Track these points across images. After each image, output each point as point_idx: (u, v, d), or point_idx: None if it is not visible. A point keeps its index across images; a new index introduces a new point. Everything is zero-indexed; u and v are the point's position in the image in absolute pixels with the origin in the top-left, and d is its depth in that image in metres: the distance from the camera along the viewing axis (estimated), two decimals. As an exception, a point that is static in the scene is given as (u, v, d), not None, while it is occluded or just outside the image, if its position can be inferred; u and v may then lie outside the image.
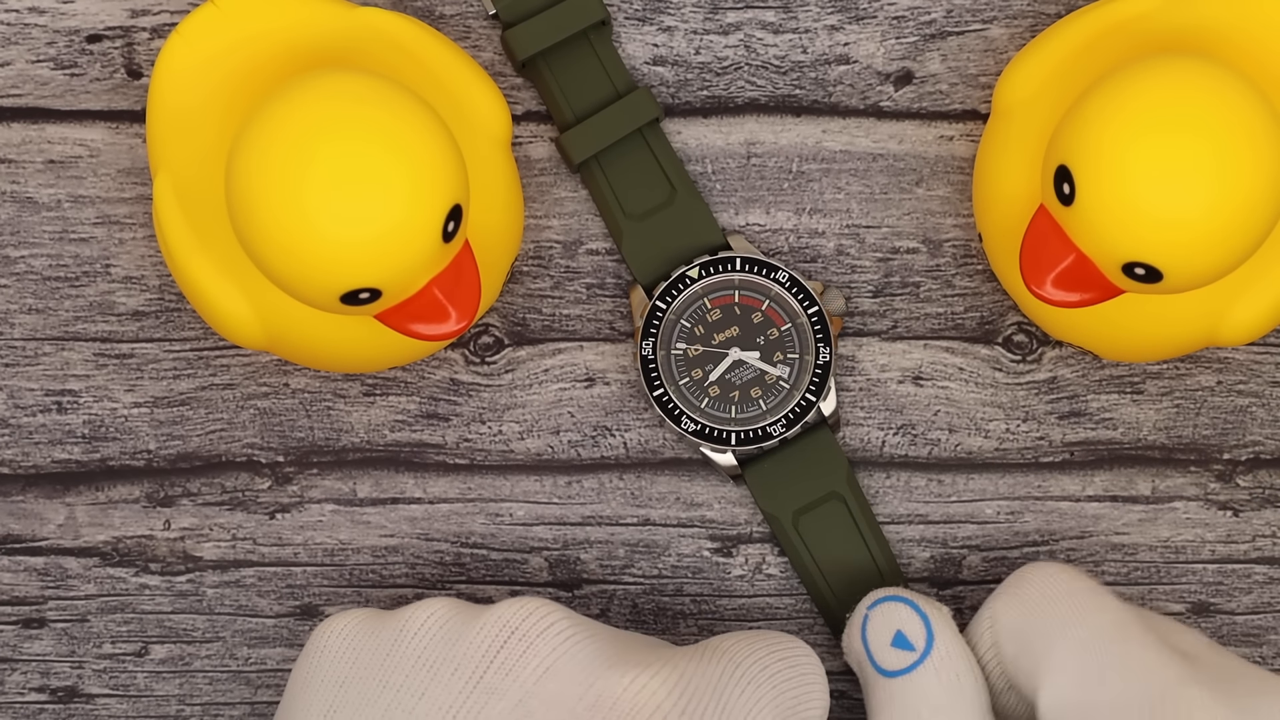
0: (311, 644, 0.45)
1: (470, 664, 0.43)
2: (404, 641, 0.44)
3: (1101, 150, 0.43)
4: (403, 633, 0.44)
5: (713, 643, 0.45)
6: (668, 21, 0.51)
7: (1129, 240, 0.43)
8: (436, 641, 0.44)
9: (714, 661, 0.44)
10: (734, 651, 0.45)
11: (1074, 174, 0.44)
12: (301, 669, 0.45)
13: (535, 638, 0.43)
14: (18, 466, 0.51)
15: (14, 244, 0.51)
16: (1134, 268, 0.44)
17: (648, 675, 0.43)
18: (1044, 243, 0.45)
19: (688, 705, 0.43)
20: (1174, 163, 0.43)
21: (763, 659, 0.45)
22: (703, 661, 0.44)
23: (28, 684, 0.51)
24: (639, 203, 0.51)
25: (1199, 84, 0.43)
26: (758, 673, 0.44)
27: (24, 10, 0.51)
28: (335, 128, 0.43)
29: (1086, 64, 0.48)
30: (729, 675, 0.44)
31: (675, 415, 0.50)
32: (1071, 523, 0.51)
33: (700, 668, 0.44)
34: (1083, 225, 0.44)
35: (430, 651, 0.44)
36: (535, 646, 0.43)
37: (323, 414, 0.51)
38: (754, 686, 0.44)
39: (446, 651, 0.43)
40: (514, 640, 0.43)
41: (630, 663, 0.43)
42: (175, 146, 0.48)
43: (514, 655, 0.43)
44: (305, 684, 0.45)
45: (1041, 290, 0.45)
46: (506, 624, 0.43)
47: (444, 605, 0.44)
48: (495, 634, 0.43)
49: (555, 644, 0.43)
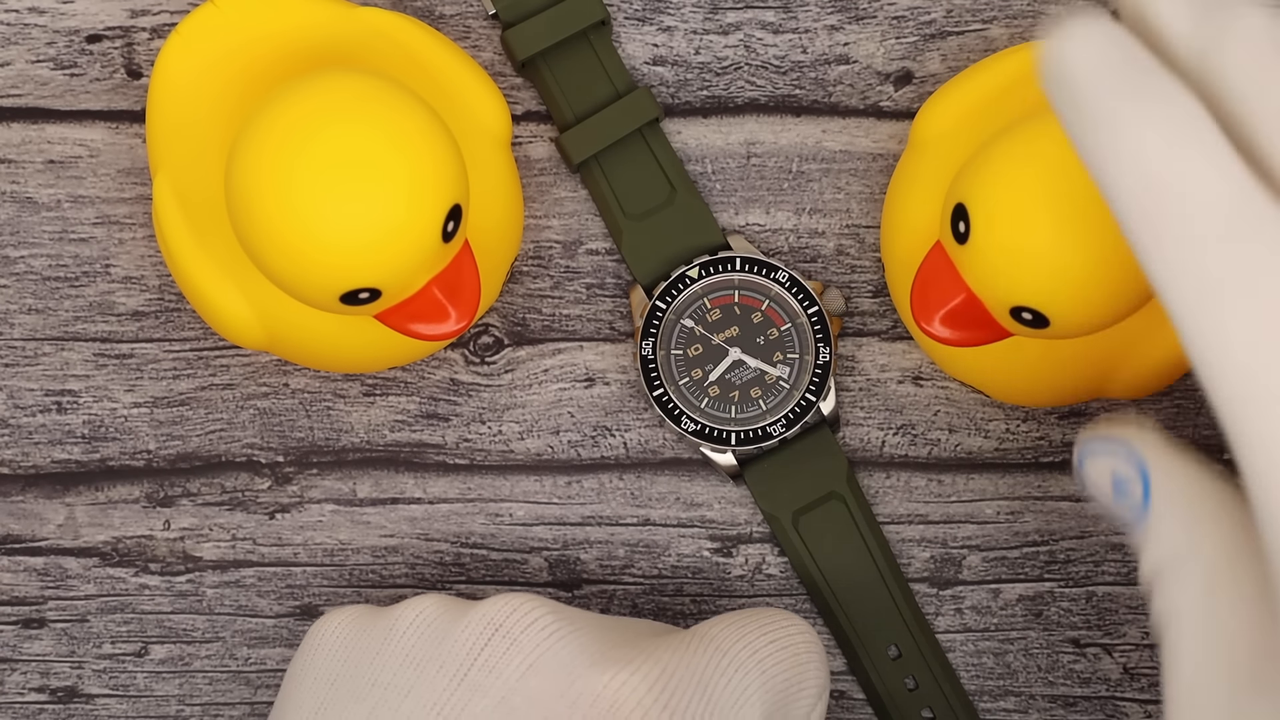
0: (306, 641, 0.45)
1: (455, 661, 0.43)
2: (393, 639, 0.44)
3: (996, 194, 0.43)
4: (392, 630, 0.44)
5: (701, 629, 0.45)
6: (668, 21, 0.51)
7: (1017, 284, 0.43)
8: (424, 639, 0.44)
9: (700, 651, 0.44)
10: (721, 638, 0.44)
11: (969, 213, 0.44)
12: (296, 666, 0.45)
13: (519, 634, 0.43)
14: (18, 466, 0.51)
15: (14, 244, 0.51)
16: (1021, 312, 0.44)
17: (628, 672, 0.43)
18: (936, 280, 0.45)
19: (670, 699, 0.43)
20: (1065, 213, 0.43)
21: (751, 643, 0.45)
22: (688, 652, 0.44)
23: (27, 684, 0.51)
24: (639, 203, 0.51)
25: None
26: (745, 659, 0.44)
27: (24, 10, 0.51)
28: (334, 127, 0.43)
29: (1003, 106, 0.48)
30: (714, 664, 0.44)
31: (675, 415, 0.50)
32: (1071, 523, 0.51)
33: (684, 659, 0.44)
34: (974, 265, 0.44)
35: (417, 649, 0.44)
36: (519, 643, 0.43)
37: (323, 414, 0.51)
38: (741, 674, 0.44)
39: (433, 649, 0.43)
40: (498, 637, 0.43)
41: (612, 659, 0.43)
42: (175, 146, 0.48)
43: (498, 652, 0.43)
44: (299, 681, 0.45)
45: (930, 327, 0.45)
46: (491, 621, 0.43)
47: (432, 602, 0.44)
48: (480, 631, 0.43)
49: (539, 640, 0.43)
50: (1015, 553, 0.51)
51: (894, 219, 0.49)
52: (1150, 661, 0.51)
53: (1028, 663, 0.51)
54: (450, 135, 0.44)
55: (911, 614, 0.51)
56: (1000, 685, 0.52)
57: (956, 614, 0.51)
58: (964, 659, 0.51)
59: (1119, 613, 0.51)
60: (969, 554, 0.51)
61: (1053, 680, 0.51)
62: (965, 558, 0.51)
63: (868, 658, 0.51)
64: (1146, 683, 0.51)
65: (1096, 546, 0.51)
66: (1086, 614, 0.51)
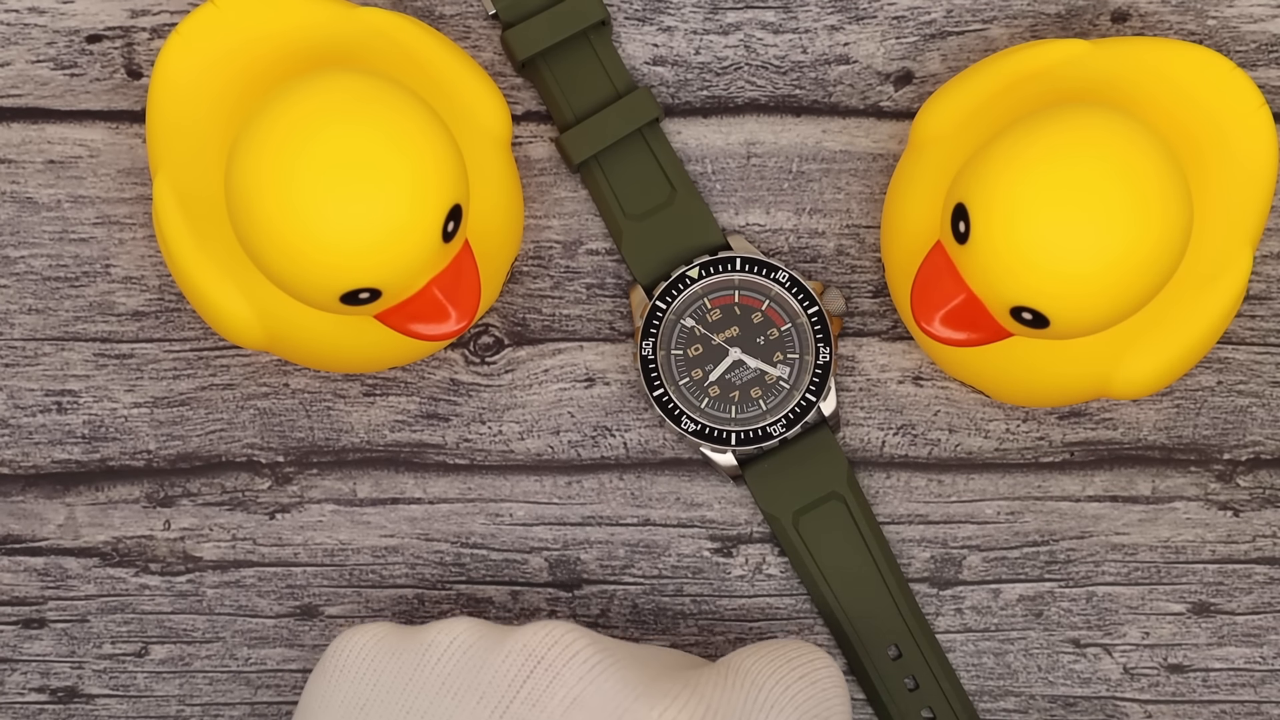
0: (329, 660, 0.45)
1: (496, 693, 0.43)
2: (427, 665, 0.44)
3: (997, 193, 0.43)
4: (426, 655, 0.44)
5: (734, 661, 0.45)
6: (668, 21, 0.51)
7: (1017, 284, 0.43)
8: (461, 667, 0.43)
9: (737, 687, 0.44)
10: (755, 673, 0.45)
11: (970, 214, 0.44)
12: (318, 685, 0.45)
13: (561, 667, 0.43)
14: (18, 466, 0.51)
15: (14, 244, 0.51)
16: (1021, 312, 0.44)
17: (676, 707, 0.43)
18: (936, 280, 0.45)
19: None
20: (1066, 213, 0.43)
21: (784, 678, 0.45)
22: (727, 687, 0.44)
23: (28, 684, 0.51)
24: (639, 203, 0.51)
25: (1101, 137, 0.43)
26: (779, 694, 0.44)
27: (24, 10, 0.51)
28: (335, 128, 0.43)
29: (1003, 106, 0.48)
30: (752, 699, 0.44)
31: (675, 415, 0.50)
32: (1071, 523, 0.51)
33: (725, 695, 0.44)
34: (974, 265, 0.44)
35: (455, 678, 0.43)
36: (562, 677, 0.43)
37: (323, 414, 0.51)
38: (776, 711, 0.44)
39: (471, 678, 0.43)
40: (540, 670, 0.43)
41: (657, 693, 0.43)
42: (175, 146, 0.48)
43: (540, 685, 0.43)
44: (324, 703, 0.44)
45: (930, 327, 0.45)
46: (533, 653, 0.43)
47: (468, 627, 0.44)
48: (521, 662, 0.43)
49: (582, 673, 0.43)
50: (1015, 553, 0.51)
51: (894, 219, 0.49)
52: (1150, 661, 0.51)
53: (1028, 663, 0.51)
54: (450, 135, 0.44)
55: (911, 614, 0.51)
56: (1000, 685, 0.52)
57: (956, 614, 0.51)
58: (964, 659, 0.51)
59: (1119, 613, 0.51)
60: (969, 554, 0.51)
61: (1053, 680, 0.51)
62: (965, 558, 0.51)
63: (868, 658, 0.51)
64: (1146, 683, 0.51)
65: (1096, 546, 0.51)
66: (1086, 614, 0.51)
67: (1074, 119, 0.44)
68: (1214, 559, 0.51)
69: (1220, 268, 0.47)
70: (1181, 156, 0.48)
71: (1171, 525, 0.51)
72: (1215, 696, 0.51)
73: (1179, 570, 0.51)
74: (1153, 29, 0.51)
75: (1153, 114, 0.48)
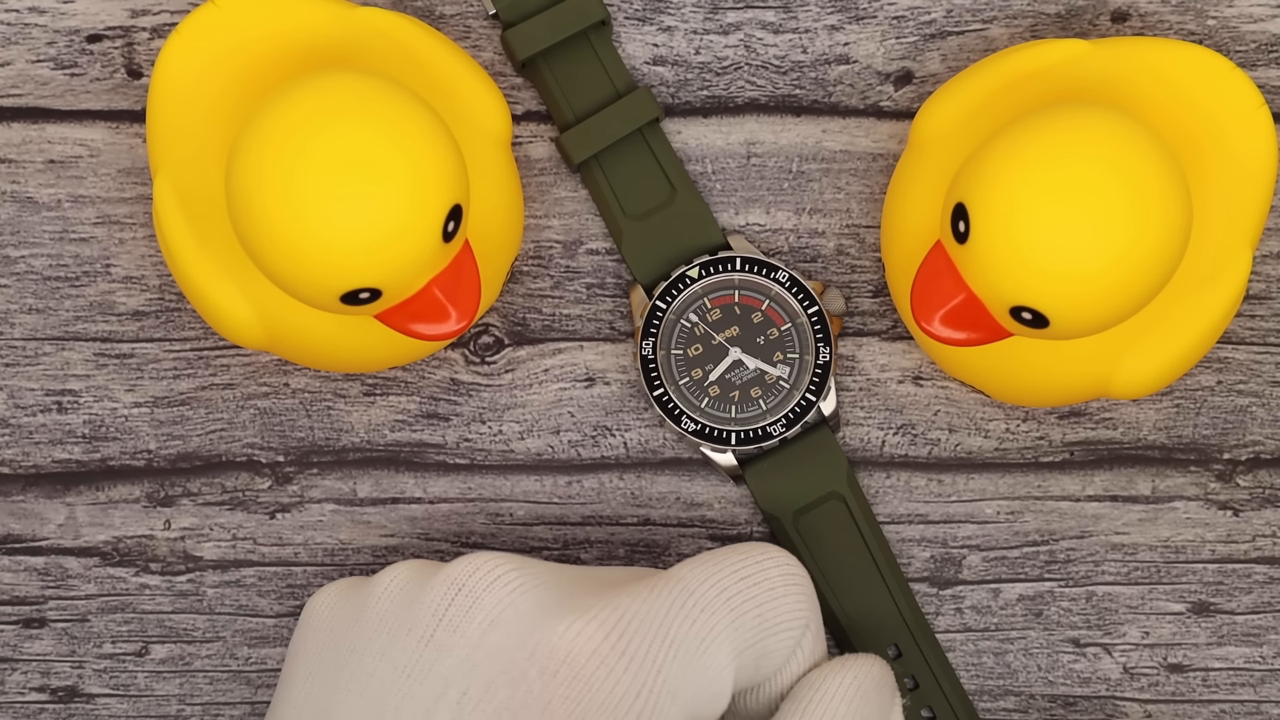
0: (300, 618, 0.46)
1: (422, 624, 0.43)
2: (369, 606, 0.44)
3: (996, 192, 0.43)
4: (369, 598, 0.45)
5: (673, 571, 0.44)
6: (668, 21, 0.51)
7: (1017, 284, 0.43)
8: (396, 604, 0.44)
9: (664, 594, 0.43)
10: (688, 579, 0.44)
11: (970, 213, 0.44)
12: (292, 643, 0.46)
13: (481, 592, 0.43)
14: (18, 466, 0.51)
15: (14, 244, 0.51)
16: (1021, 312, 0.44)
17: (584, 620, 0.43)
18: (936, 279, 0.45)
19: (628, 645, 0.43)
20: (1066, 212, 0.43)
21: (719, 581, 0.44)
22: (652, 595, 0.43)
23: (28, 684, 0.51)
24: (639, 203, 0.51)
25: (1100, 136, 0.43)
26: (712, 599, 0.44)
27: (24, 10, 0.51)
28: (335, 128, 0.43)
29: (1003, 106, 0.48)
30: (678, 606, 0.43)
31: (675, 415, 0.50)
32: (1071, 523, 0.51)
33: (646, 604, 0.43)
34: (974, 265, 0.44)
35: (390, 614, 0.44)
36: (481, 601, 0.43)
37: (323, 414, 0.51)
38: (706, 614, 0.43)
39: (404, 613, 0.44)
40: (461, 596, 0.43)
41: (569, 608, 0.43)
42: (175, 146, 0.48)
43: (461, 611, 0.43)
44: (293, 656, 0.46)
45: (929, 326, 0.45)
46: (454, 581, 0.44)
47: (406, 568, 0.45)
48: (445, 592, 0.44)
49: (500, 596, 0.43)
50: (1015, 553, 0.51)
51: (894, 219, 0.49)
52: (1150, 661, 0.51)
53: (1028, 663, 0.51)
54: (450, 135, 0.44)
55: (911, 614, 0.51)
56: (1000, 685, 0.52)
57: (956, 614, 0.51)
58: (964, 659, 0.51)
59: (1119, 613, 0.51)
60: (969, 554, 0.51)
61: (1053, 680, 0.51)
62: (965, 557, 0.51)
63: (868, 657, 0.51)
64: (1146, 683, 0.51)
65: (1096, 546, 0.51)
66: (1086, 614, 0.51)
67: (1073, 119, 0.44)
68: (1214, 559, 0.51)
69: (1220, 268, 0.47)
70: (1181, 156, 0.48)
71: (1171, 525, 0.51)
72: (1215, 696, 0.51)
73: (1179, 570, 0.51)
74: (1153, 29, 0.51)
75: (1152, 114, 0.48)
